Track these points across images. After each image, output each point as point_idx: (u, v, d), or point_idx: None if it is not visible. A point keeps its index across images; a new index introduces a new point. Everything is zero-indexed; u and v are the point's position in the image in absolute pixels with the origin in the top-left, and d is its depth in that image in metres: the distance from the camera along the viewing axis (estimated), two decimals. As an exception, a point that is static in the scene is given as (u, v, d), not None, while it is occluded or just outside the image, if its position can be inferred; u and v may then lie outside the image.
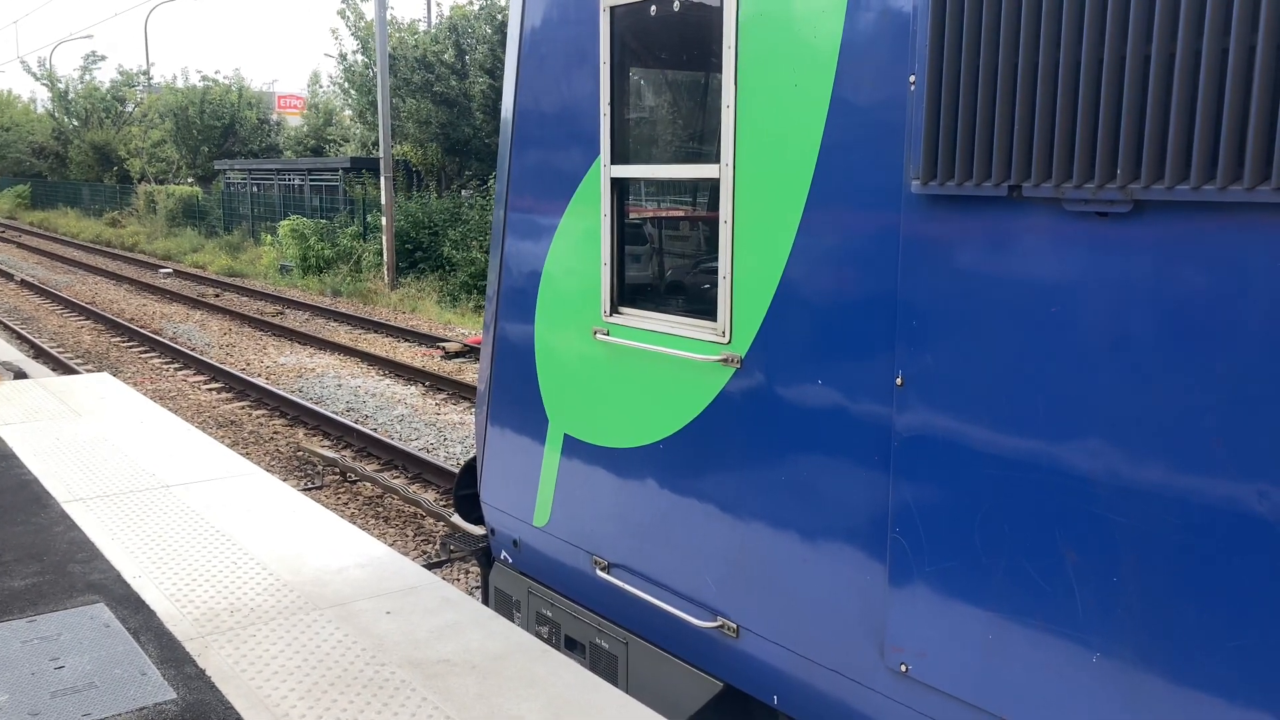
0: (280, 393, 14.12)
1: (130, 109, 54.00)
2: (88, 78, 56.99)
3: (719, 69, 3.81)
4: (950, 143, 2.96)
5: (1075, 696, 2.85)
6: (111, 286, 27.88)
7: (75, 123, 55.65)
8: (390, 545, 7.71)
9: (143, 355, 17.95)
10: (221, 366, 16.02)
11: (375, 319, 21.08)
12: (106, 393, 9.09)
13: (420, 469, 10.83)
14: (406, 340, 19.09)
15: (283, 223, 29.24)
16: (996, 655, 3.05)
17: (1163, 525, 2.63)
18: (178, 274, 30.43)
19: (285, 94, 52.50)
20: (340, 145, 37.12)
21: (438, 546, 8.96)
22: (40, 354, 17.37)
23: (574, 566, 4.88)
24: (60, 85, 56.35)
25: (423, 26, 31.59)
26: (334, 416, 12.82)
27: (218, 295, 25.70)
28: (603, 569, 4.64)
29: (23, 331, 19.73)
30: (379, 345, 18.51)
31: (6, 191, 60.57)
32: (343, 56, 31.90)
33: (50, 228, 47.64)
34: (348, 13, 30.78)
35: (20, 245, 40.63)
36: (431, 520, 9.50)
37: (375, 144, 29.73)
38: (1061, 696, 2.89)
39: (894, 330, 3.24)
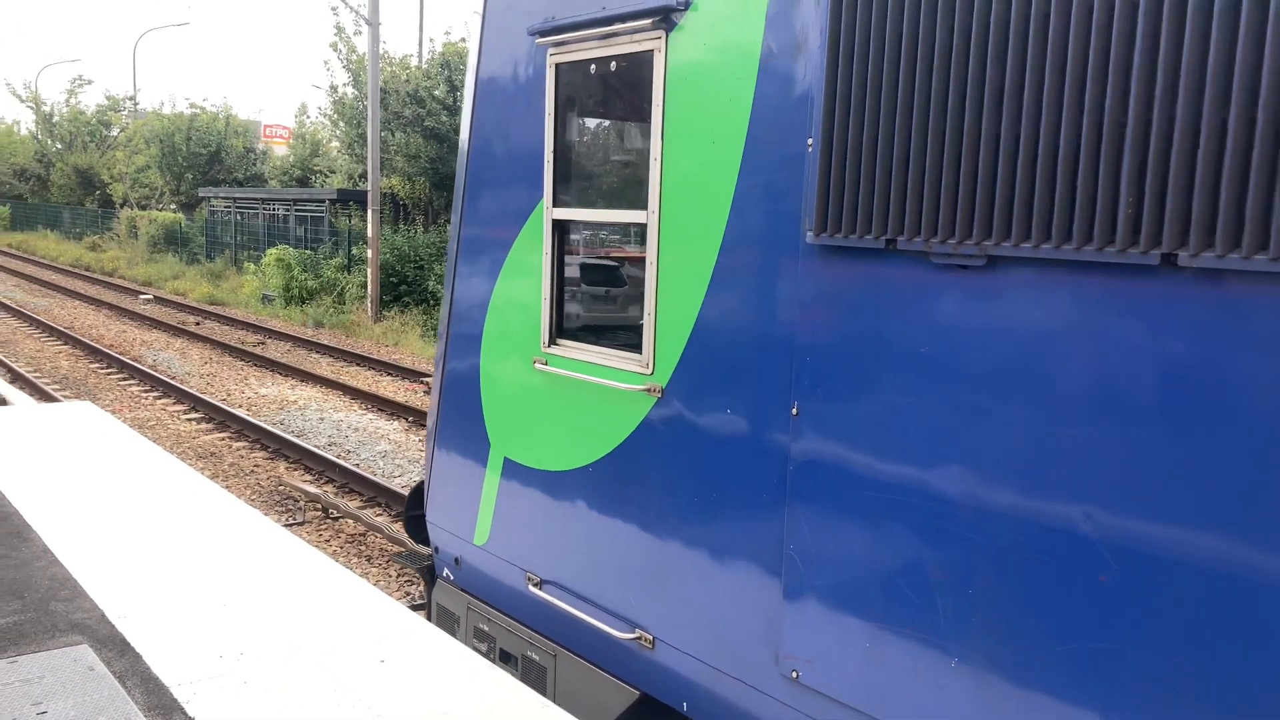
0: (262, 425, 13.95)
1: (115, 133, 53.85)
2: (73, 101, 56.80)
3: (649, 123, 4.18)
4: (839, 199, 3.32)
5: (937, 698, 3.16)
6: (90, 311, 27.59)
7: (59, 146, 55.44)
8: (374, 585, 7.56)
9: (121, 382, 17.71)
10: (202, 396, 15.82)
11: (358, 352, 20.93)
12: (88, 422, 8.92)
13: (404, 507, 10.67)
14: (390, 374, 18.94)
15: (269, 252, 29.10)
16: (872, 662, 3.35)
17: (1008, 543, 2.96)
18: (158, 300, 30.17)
19: (271, 123, 52.46)
20: (326, 176, 37.09)
21: (422, 588, 8.81)
22: (17, 378, 17.12)
23: (509, 583, 5.14)
24: (45, 108, 56.13)
25: (414, 61, 31.72)
26: (316, 451, 12.65)
27: (198, 323, 25.47)
28: (535, 585, 4.91)
29: (-1, 355, 19.47)
30: (362, 379, 18.36)
31: (-14, 213, 60.11)
32: (333, 88, 31.96)
33: (29, 250, 47.20)
34: (340, 45, 30.87)
35: (-2, 267, 40.26)
36: (415, 560, 9.35)
37: (362, 176, 29.72)
38: (926, 699, 3.19)
39: (791, 365, 3.60)
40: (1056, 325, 2.81)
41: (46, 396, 15.54)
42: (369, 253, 25.10)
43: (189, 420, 14.95)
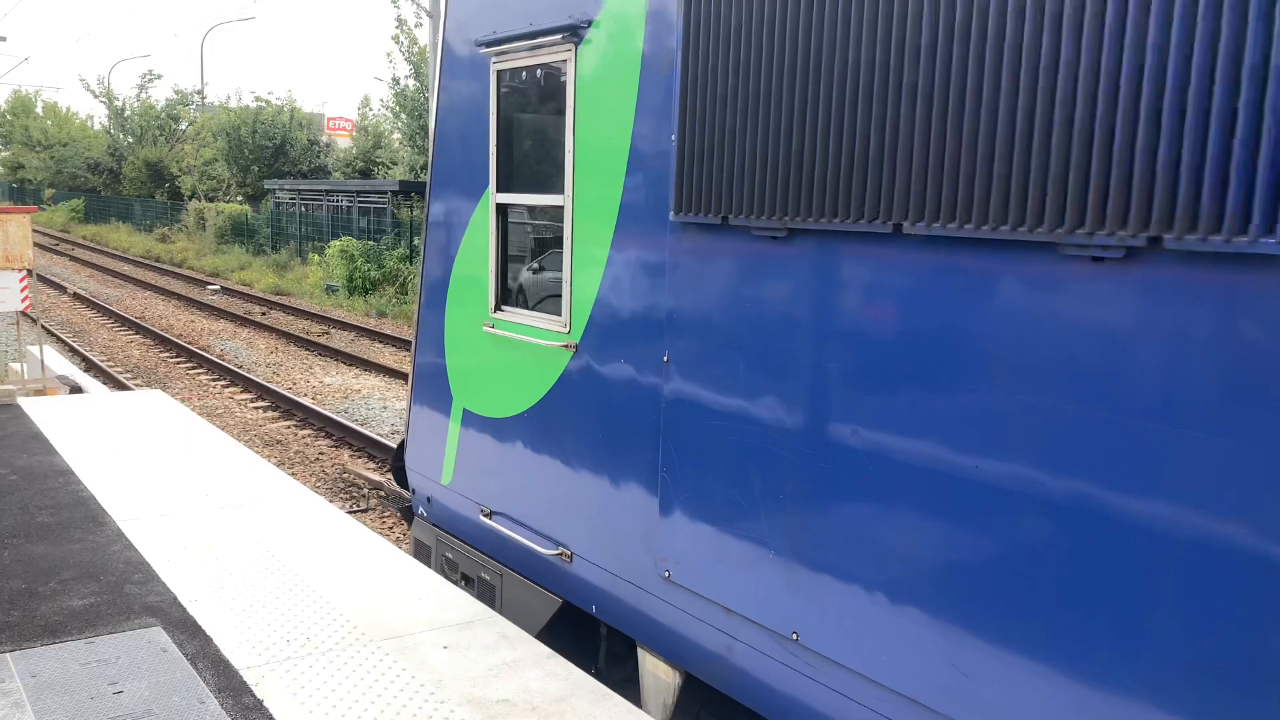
0: (326, 413, 14.16)
1: (184, 127, 54.92)
2: (144, 96, 58.02)
3: (565, 120, 4.92)
4: (690, 184, 4.08)
5: (760, 584, 3.89)
6: (160, 302, 28.24)
7: (130, 140, 56.68)
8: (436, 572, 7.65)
9: (190, 371, 18.11)
10: (268, 385, 16.11)
11: (419, 341, 21.12)
12: (159, 410, 9.15)
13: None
14: (450, 364, 19.10)
15: (333, 243, 29.49)
16: (719, 560, 4.08)
17: (804, 455, 3.69)
18: (225, 291, 30.76)
19: (335, 116, 53.11)
20: (389, 168, 37.50)
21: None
22: (91, 367, 17.58)
23: (468, 516, 5.96)
24: (117, 103, 57.47)
25: (474, 53, 31.88)
26: (379, 439, 12.83)
27: (264, 313, 25.93)
28: (486, 516, 5.72)
29: (75, 345, 20.00)
30: (423, 368, 18.55)
31: (61, 205, 61.66)
32: (395, 80, 32.29)
33: (102, 242, 48.40)
34: (401, 38, 31.17)
35: (73, 259, 41.33)
36: (476, 548, 9.44)
37: (424, 168, 29.97)
38: (753, 586, 3.92)
39: (663, 321, 4.34)
40: (831, 282, 3.59)
41: (119, 385, 15.94)
42: (430, 243, 25.30)
43: (255, 408, 15.24)
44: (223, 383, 17.07)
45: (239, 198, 45.11)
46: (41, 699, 3.91)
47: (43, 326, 15.56)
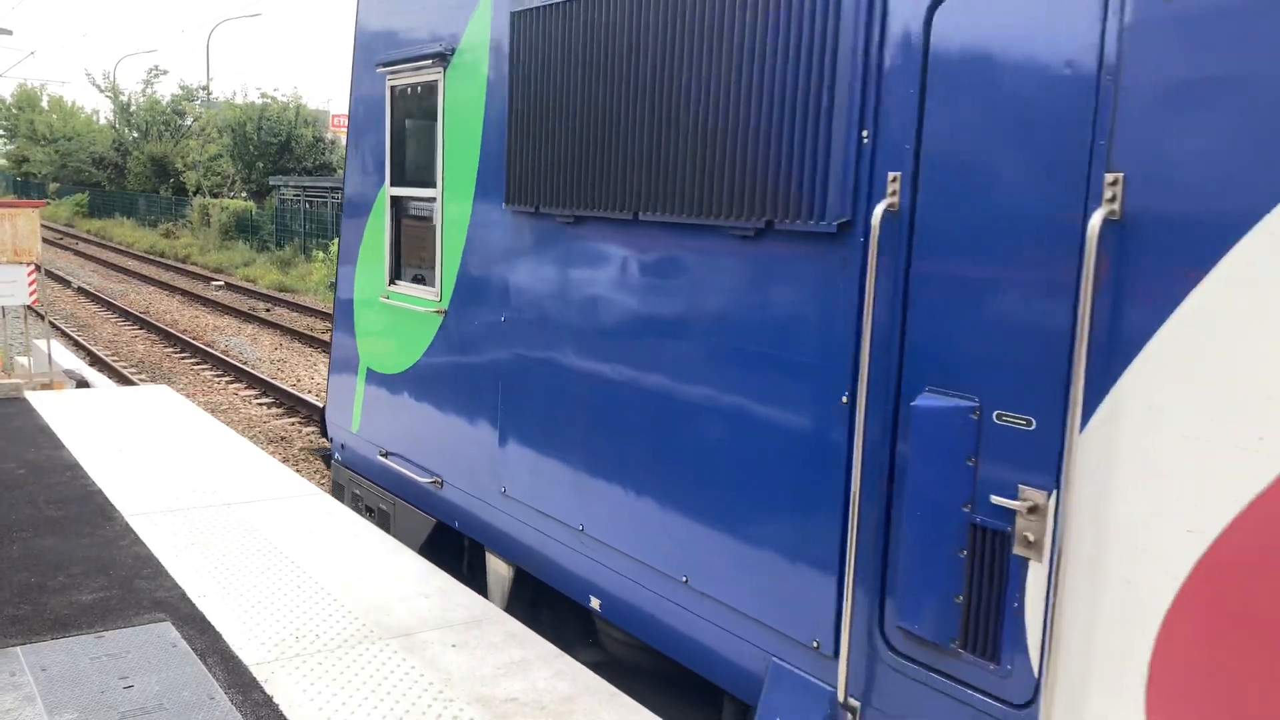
0: (330, 410, 14.16)
1: (189, 123, 54.88)
2: (149, 91, 57.98)
3: (438, 128, 6.05)
4: (516, 181, 5.20)
5: (560, 490, 5.00)
6: (165, 297, 28.24)
7: (135, 135, 56.67)
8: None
9: (195, 367, 18.13)
10: (272, 381, 16.11)
11: (423, 339, 21.07)
12: (166, 405, 9.16)
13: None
14: (454, 362, 19.06)
15: (337, 240, 29.44)
16: (536, 474, 5.20)
17: (584, 389, 4.81)
18: (229, 287, 30.76)
19: (340, 113, 53.00)
20: (393, 166, 37.37)
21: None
22: (96, 361, 17.60)
23: (370, 457, 7.09)
24: (123, 98, 57.45)
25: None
26: (383, 436, 12.82)
27: (269, 310, 25.91)
28: (383, 456, 6.83)
29: (80, 339, 20.01)
30: (427, 366, 18.51)
31: (66, 200, 61.65)
32: (400, 79, 32.23)
33: (106, 237, 48.41)
34: (408, 36, 31.12)
35: (77, 253, 41.34)
36: (480, 546, 9.45)
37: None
38: (556, 492, 5.03)
39: (503, 290, 5.43)
40: (600, 256, 4.71)
41: (125, 380, 15.96)
42: (435, 242, 25.23)
43: (260, 405, 15.24)
44: (227, 379, 17.08)
45: (243, 194, 45.08)
46: (52, 692, 3.92)
47: (49, 321, 15.57)
